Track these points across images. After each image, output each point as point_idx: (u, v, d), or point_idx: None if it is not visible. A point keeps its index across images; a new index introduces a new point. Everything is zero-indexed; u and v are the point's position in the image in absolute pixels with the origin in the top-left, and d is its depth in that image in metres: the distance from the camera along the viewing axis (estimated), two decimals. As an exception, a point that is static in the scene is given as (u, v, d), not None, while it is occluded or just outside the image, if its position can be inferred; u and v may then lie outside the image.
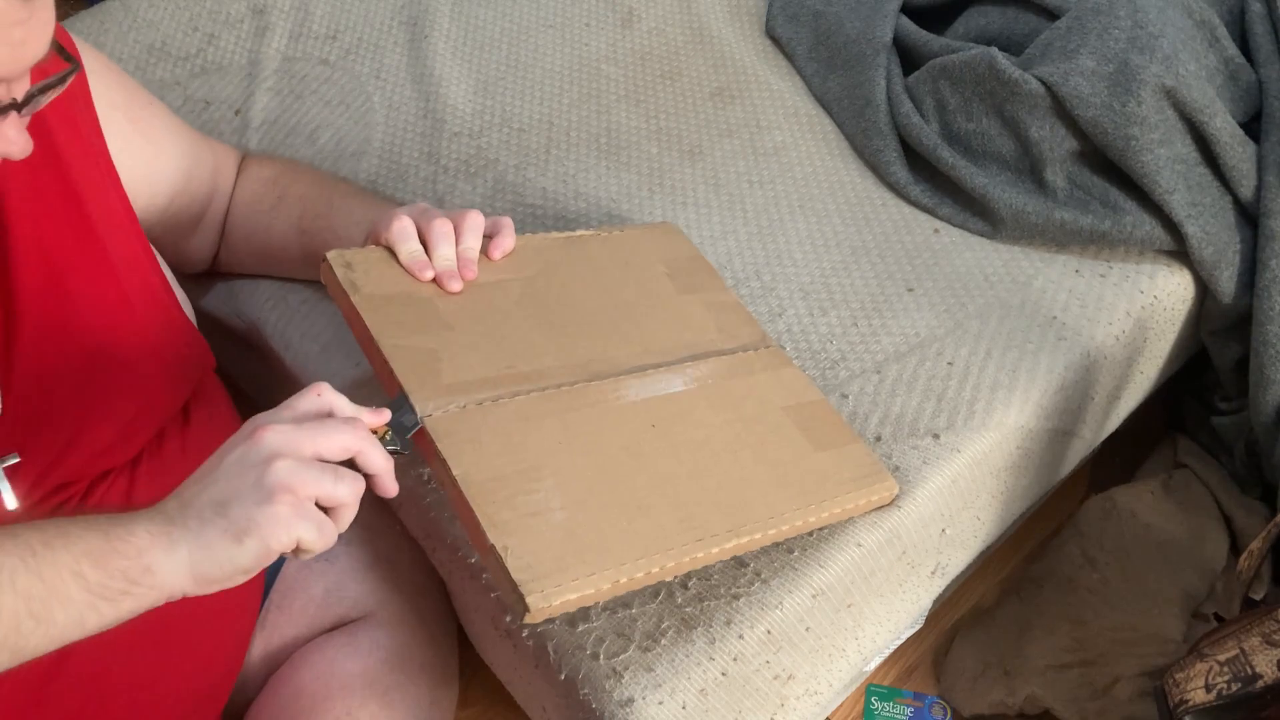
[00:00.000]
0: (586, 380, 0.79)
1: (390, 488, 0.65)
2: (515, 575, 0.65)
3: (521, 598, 0.65)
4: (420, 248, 0.79)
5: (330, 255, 0.78)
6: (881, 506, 0.84)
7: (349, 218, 0.89)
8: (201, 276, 1.02)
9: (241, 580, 0.60)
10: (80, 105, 0.77)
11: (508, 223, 0.85)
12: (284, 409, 0.63)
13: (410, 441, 0.71)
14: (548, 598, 0.65)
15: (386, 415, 0.68)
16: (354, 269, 0.77)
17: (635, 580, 0.70)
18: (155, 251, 0.84)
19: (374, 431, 0.67)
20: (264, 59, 1.21)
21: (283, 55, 1.22)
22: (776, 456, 0.80)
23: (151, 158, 0.85)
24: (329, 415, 0.64)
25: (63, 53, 0.60)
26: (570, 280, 0.86)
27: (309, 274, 0.94)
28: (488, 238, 0.84)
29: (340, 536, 0.66)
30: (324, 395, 0.65)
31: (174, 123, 0.90)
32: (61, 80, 0.60)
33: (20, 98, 0.58)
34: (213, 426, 0.85)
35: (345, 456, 0.62)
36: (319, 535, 0.60)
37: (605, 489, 0.72)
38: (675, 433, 0.78)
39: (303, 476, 0.59)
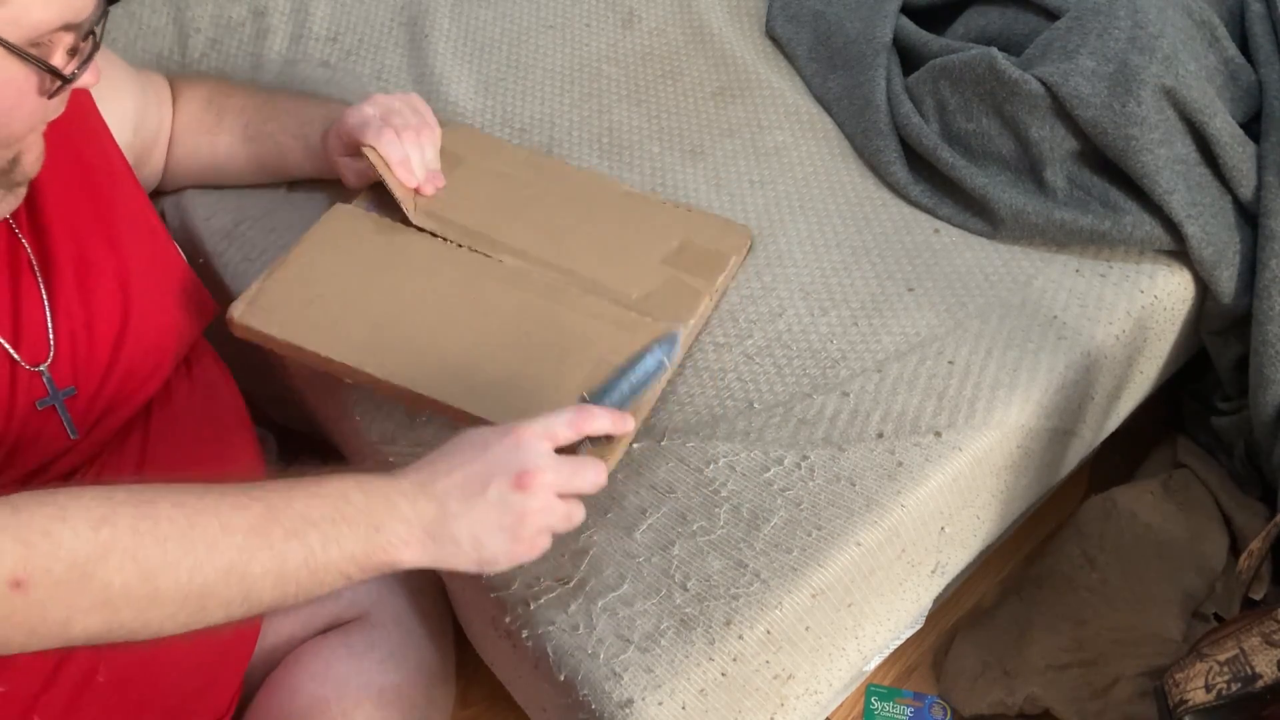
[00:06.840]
0: (485, 251, 0.93)
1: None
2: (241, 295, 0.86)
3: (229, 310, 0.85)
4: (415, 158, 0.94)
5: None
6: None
7: (299, 118, 0.99)
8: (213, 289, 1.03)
9: None
10: None
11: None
12: (545, 428, 0.68)
13: None
14: (246, 318, 0.84)
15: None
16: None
17: (324, 361, 0.83)
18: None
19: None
20: (266, 62, 1.21)
21: (284, 58, 1.22)
22: (512, 369, 0.85)
23: (111, 100, 0.88)
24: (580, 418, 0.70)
25: None
26: (577, 200, 0.99)
27: (257, 179, 1.05)
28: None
29: None
30: None
31: (118, 60, 0.94)
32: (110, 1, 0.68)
33: (99, 32, 0.67)
34: (209, 381, 0.90)
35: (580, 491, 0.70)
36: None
37: (378, 306, 0.87)
38: (468, 306, 0.88)
39: (548, 522, 0.67)
